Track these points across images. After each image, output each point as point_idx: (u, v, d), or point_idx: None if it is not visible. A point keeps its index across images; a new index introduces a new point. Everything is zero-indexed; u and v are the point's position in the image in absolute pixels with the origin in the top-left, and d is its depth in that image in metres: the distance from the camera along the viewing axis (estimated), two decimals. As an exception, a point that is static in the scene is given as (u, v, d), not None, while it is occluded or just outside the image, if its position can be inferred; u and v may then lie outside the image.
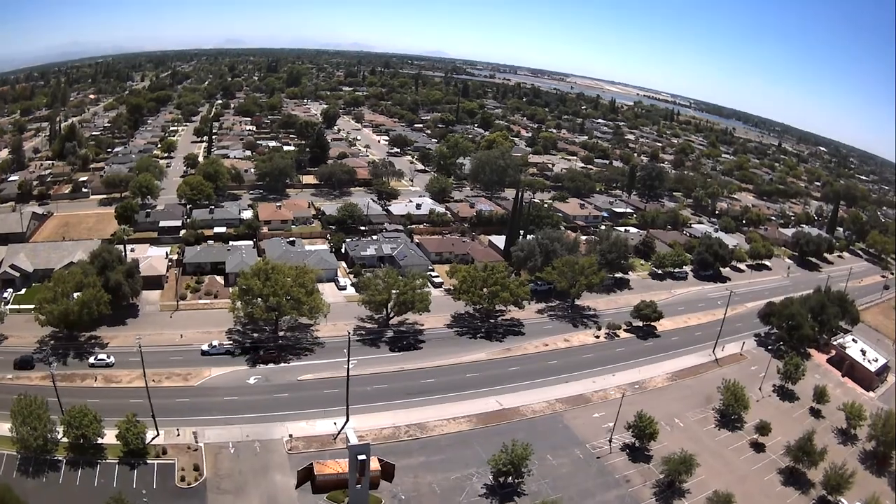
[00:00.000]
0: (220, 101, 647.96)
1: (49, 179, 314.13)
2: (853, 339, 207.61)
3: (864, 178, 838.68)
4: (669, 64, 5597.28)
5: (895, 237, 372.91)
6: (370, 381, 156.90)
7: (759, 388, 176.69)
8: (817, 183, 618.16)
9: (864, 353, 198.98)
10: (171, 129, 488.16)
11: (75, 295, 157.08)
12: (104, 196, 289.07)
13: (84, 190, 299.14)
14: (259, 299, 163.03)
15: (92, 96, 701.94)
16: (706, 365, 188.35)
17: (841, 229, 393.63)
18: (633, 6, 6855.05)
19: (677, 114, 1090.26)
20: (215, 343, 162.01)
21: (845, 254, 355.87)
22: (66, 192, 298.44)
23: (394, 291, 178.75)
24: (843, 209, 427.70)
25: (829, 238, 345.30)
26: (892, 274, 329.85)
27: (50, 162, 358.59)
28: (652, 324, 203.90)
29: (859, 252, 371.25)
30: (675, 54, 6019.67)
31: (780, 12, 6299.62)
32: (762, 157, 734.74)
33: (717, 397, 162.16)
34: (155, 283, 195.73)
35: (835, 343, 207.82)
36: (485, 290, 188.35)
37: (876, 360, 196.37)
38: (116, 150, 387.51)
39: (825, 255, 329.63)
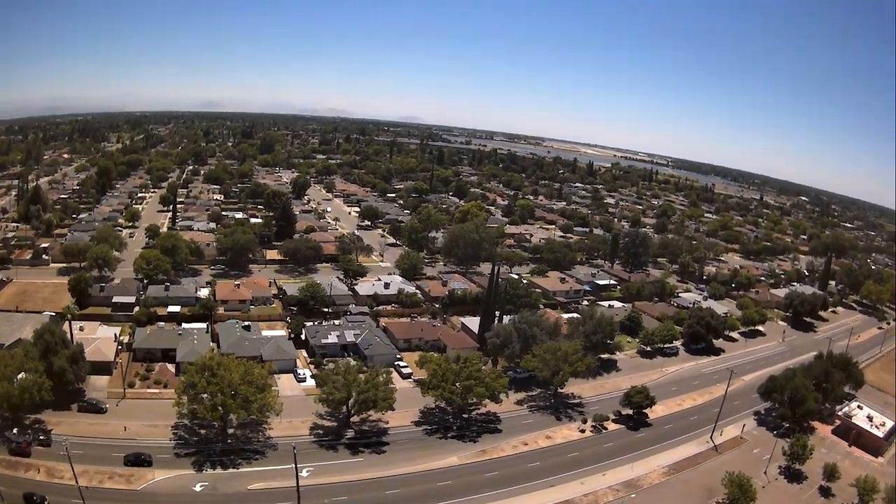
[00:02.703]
0: (190, 167, 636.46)
1: (13, 243, 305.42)
2: (858, 406, 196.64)
3: (849, 225, 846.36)
4: (645, 123, 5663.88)
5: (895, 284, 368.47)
6: (327, 492, 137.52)
7: (765, 473, 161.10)
8: (803, 236, 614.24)
9: (870, 419, 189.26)
10: (139, 195, 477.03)
11: (20, 375, 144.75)
12: (63, 265, 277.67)
13: (45, 257, 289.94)
14: (205, 395, 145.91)
15: (66, 156, 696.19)
16: (705, 453, 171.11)
17: (833, 283, 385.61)
18: (605, 67, 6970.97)
19: (656, 173, 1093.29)
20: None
21: (839, 308, 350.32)
22: (27, 257, 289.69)
23: (354, 389, 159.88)
24: (834, 261, 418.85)
25: (822, 295, 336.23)
26: (889, 324, 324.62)
27: (15, 224, 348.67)
28: (643, 411, 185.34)
29: (853, 304, 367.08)
30: (649, 112, 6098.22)
31: (751, 61, 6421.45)
32: (745, 214, 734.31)
33: (720, 489, 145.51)
34: (102, 368, 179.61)
35: (840, 413, 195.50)
36: (457, 384, 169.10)
37: (883, 425, 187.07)
38: (81, 216, 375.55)
39: (819, 312, 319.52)
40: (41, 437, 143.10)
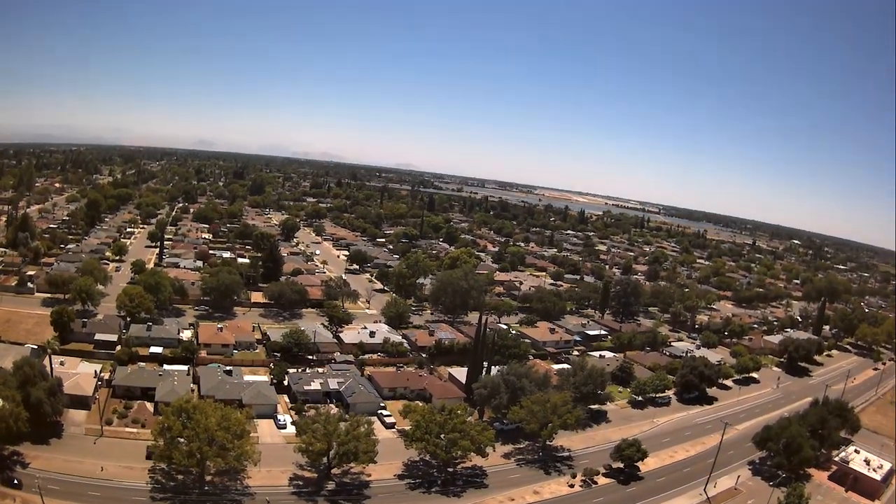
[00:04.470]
0: (180, 205, 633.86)
1: (0, 269, 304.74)
2: (855, 450, 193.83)
3: (842, 267, 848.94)
4: (636, 171, 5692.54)
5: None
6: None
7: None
8: (796, 281, 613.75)
9: (867, 462, 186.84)
10: (128, 230, 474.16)
11: None
12: (48, 296, 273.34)
13: (30, 285, 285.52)
14: (181, 440, 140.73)
15: (57, 185, 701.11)
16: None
17: (827, 327, 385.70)
18: (596, 116, 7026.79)
19: (647, 220, 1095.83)
20: None
21: (834, 352, 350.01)
22: (13, 284, 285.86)
23: (334, 440, 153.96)
24: (827, 306, 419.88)
25: (817, 340, 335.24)
26: (885, 363, 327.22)
27: (2, 250, 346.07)
28: (635, 464, 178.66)
29: (848, 347, 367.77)
30: (640, 161, 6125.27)
31: (741, 106, 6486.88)
32: (738, 259, 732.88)
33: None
34: (81, 403, 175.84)
35: (836, 459, 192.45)
36: (442, 436, 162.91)
37: (881, 468, 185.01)
38: (69, 247, 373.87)
39: (814, 356, 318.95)
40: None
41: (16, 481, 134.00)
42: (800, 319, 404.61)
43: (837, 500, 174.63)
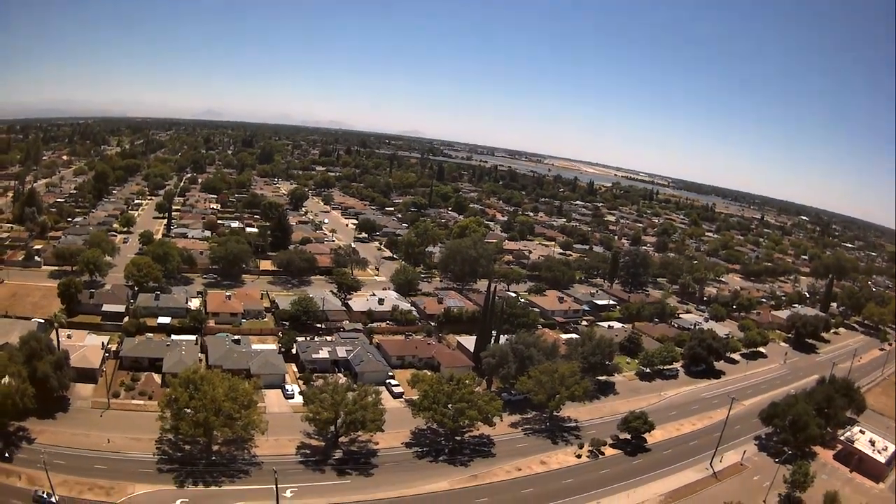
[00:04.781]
0: (189, 175, 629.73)
1: (6, 244, 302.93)
2: (860, 431, 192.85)
3: (849, 245, 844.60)
4: (646, 143, 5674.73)
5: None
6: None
7: (764, 501, 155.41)
8: (804, 257, 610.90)
9: (872, 443, 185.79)
10: (136, 201, 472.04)
11: (4, 380, 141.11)
12: (55, 268, 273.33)
13: (37, 259, 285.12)
14: (188, 410, 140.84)
15: (65, 157, 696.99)
16: (703, 481, 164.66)
17: (835, 304, 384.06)
18: (607, 87, 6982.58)
19: (656, 193, 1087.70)
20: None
21: (841, 329, 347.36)
22: (20, 259, 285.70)
23: (341, 409, 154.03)
24: (835, 283, 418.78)
25: (825, 317, 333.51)
26: (891, 345, 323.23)
27: (9, 225, 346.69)
28: (642, 436, 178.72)
29: (855, 325, 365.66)
30: (650, 133, 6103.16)
31: (751, 83, 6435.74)
32: (746, 233, 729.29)
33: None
34: (87, 376, 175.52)
35: (841, 438, 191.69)
36: (450, 405, 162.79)
37: (885, 449, 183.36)
38: (76, 219, 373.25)
39: (821, 334, 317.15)
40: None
41: (7, 455, 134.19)
42: (807, 295, 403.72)
43: (842, 480, 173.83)
